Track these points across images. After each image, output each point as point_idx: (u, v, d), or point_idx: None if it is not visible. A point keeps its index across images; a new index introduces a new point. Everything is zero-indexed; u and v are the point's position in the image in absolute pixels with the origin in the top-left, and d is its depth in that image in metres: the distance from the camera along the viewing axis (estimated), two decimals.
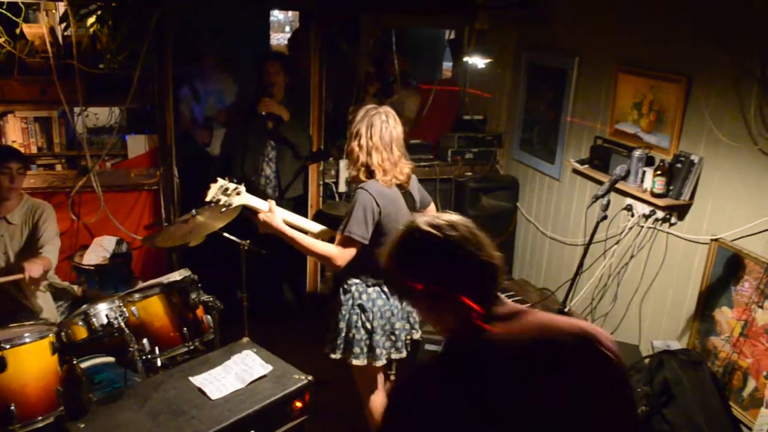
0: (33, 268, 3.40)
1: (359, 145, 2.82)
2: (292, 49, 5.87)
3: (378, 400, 3.13)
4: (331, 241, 2.90)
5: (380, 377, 3.12)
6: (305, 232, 2.97)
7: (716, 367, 3.17)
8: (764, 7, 2.77)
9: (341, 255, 2.78)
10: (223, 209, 2.89)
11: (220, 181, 2.89)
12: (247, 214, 2.96)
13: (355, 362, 2.95)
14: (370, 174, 2.82)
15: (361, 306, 2.92)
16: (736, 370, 3.07)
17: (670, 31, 3.38)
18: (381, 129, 2.81)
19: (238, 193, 2.87)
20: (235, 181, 2.92)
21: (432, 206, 3.31)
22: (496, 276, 1.55)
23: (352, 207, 2.78)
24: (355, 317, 2.92)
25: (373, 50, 4.90)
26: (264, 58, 4.60)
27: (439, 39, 5.90)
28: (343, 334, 2.95)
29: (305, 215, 4.50)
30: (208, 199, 2.90)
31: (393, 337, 3.00)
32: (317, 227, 3.09)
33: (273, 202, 2.88)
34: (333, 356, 2.98)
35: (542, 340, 1.47)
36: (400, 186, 2.93)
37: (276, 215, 2.84)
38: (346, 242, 2.77)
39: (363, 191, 2.79)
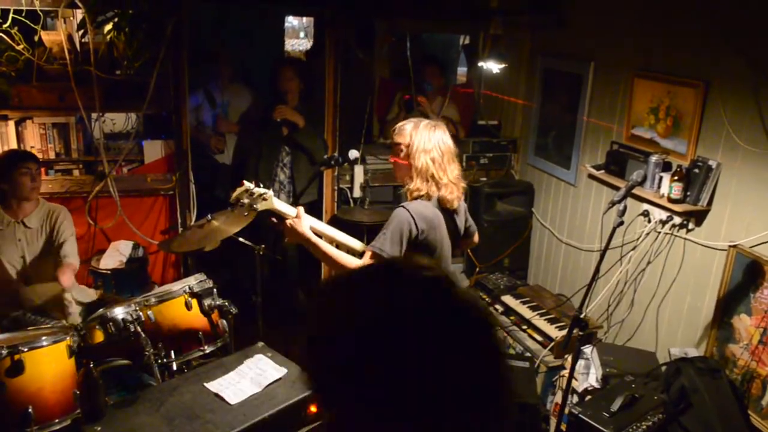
0: (66, 279, 3.48)
1: (431, 159, 2.67)
2: (309, 54, 5.92)
3: None
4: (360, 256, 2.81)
5: None
6: (338, 245, 2.86)
7: (734, 375, 3.13)
8: None
9: None
10: (246, 213, 2.80)
11: (246, 184, 2.80)
12: (271, 222, 2.85)
13: None
14: (438, 188, 2.69)
15: None
16: (755, 378, 3.03)
17: (686, 36, 3.35)
18: (447, 143, 2.71)
19: (264, 199, 2.75)
20: (262, 186, 2.81)
21: (476, 236, 3.20)
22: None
23: (389, 224, 2.65)
24: None
25: (389, 56, 4.92)
26: (278, 64, 4.63)
27: (454, 44, 5.91)
28: None
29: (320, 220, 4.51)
30: (232, 200, 2.81)
31: None
32: (357, 243, 2.99)
33: (301, 209, 2.77)
34: None
35: None
36: (446, 209, 2.77)
37: (303, 222, 2.72)
38: (375, 259, 2.60)
39: (404, 210, 2.64)
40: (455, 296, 0.93)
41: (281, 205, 2.81)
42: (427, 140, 2.69)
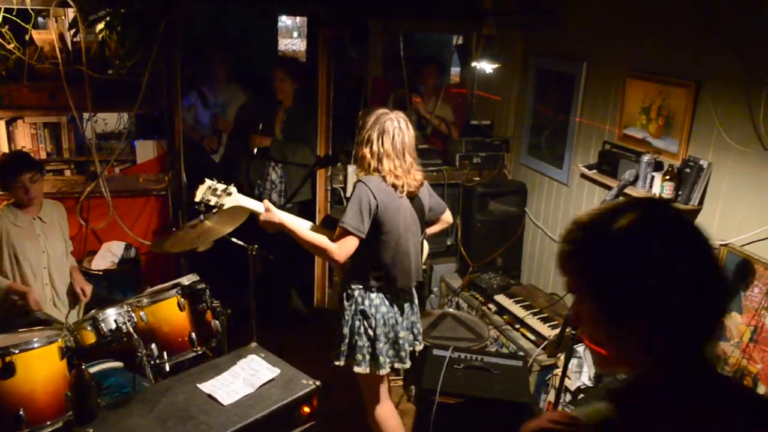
0: (86, 289, 3.73)
1: (371, 152, 2.77)
2: (308, 54, 5.93)
3: (382, 412, 3.10)
4: None
5: (384, 387, 3.10)
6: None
7: (726, 372, 3.14)
8: None
9: (339, 249, 2.74)
10: (215, 211, 2.88)
11: (208, 182, 2.86)
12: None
13: (357, 369, 2.93)
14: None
15: (363, 312, 2.89)
16: (746, 376, 3.05)
17: (678, 36, 3.37)
18: (393, 135, 2.75)
19: (228, 194, 2.84)
20: (224, 181, 2.88)
21: (447, 214, 3.25)
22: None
23: (350, 199, 2.77)
24: (357, 323, 2.90)
25: (383, 55, 4.92)
26: (272, 65, 4.64)
27: (447, 44, 5.91)
28: (347, 341, 2.92)
29: (313, 220, 4.51)
30: (196, 200, 2.88)
31: (397, 347, 2.97)
32: (308, 224, 3.09)
33: (267, 202, 2.87)
34: (337, 363, 2.96)
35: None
36: (409, 193, 2.88)
37: (274, 213, 2.84)
38: (342, 234, 2.75)
39: (361, 184, 2.75)
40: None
41: (247, 201, 2.89)
42: (379, 133, 2.76)
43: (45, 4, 3.72)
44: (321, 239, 2.81)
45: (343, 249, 2.75)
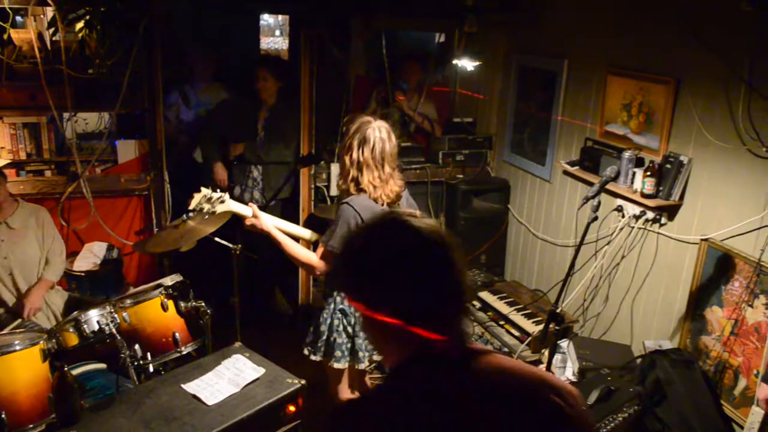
0: (34, 304, 3.51)
1: (350, 160, 2.75)
2: (291, 52, 5.91)
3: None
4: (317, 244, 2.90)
5: (346, 379, 3.11)
6: (295, 237, 2.97)
7: (707, 366, 3.18)
8: (750, 9, 2.79)
9: (322, 266, 2.80)
10: (206, 216, 2.94)
11: (204, 191, 2.93)
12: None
13: (336, 366, 2.95)
14: (359, 190, 2.77)
15: (342, 311, 2.93)
16: (727, 369, 3.09)
17: (657, 33, 3.40)
18: (373, 144, 2.73)
19: (221, 202, 2.90)
20: (219, 189, 2.94)
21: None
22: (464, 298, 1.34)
23: (336, 221, 2.75)
24: (336, 321, 2.93)
25: (365, 53, 4.92)
26: (254, 63, 4.63)
27: (429, 42, 5.91)
28: (324, 337, 2.95)
29: (296, 218, 4.51)
30: (191, 208, 2.94)
31: None
32: (307, 233, 3.11)
33: (255, 206, 2.88)
34: (313, 358, 3.00)
35: (503, 385, 1.29)
36: (388, 203, 2.85)
37: (262, 219, 2.86)
38: (328, 256, 2.77)
39: (347, 206, 2.73)
40: (420, 229, 1.32)
41: (237, 206, 2.93)
42: (360, 141, 2.74)
43: (23, 3, 3.67)
44: (306, 255, 2.85)
45: (325, 265, 2.80)
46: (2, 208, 3.55)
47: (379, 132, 2.76)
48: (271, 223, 2.90)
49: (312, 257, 2.82)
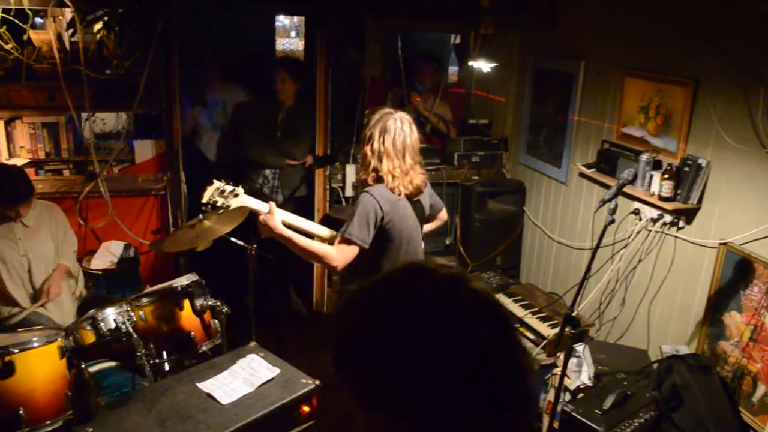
0: (53, 290, 3.51)
1: (371, 150, 2.74)
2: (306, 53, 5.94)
3: None
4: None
5: None
6: (310, 235, 2.91)
7: (726, 372, 3.15)
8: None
9: (339, 255, 2.67)
10: (221, 211, 2.84)
11: (216, 183, 2.83)
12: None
13: None
14: (379, 180, 2.76)
15: None
16: (745, 375, 3.05)
17: (676, 35, 3.37)
18: (394, 134, 2.72)
19: (236, 195, 2.81)
20: (232, 183, 2.86)
21: (443, 212, 3.26)
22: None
23: (354, 209, 2.71)
24: None
25: (380, 55, 4.93)
26: (272, 66, 4.66)
27: (445, 43, 5.91)
28: None
29: (311, 218, 4.52)
30: (204, 201, 2.84)
31: None
32: (325, 231, 3.06)
33: (273, 204, 2.79)
34: None
35: None
36: (408, 196, 2.83)
37: (275, 216, 2.74)
38: (345, 243, 2.69)
39: (367, 195, 2.72)
40: (473, 292, 0.93)
41: (253, 202, 2.84)
42: (381, 131, 2.73)
43: (42, 4, 3.72)
44: (320, 247, 2.74)
45: (343, 255, 2.69)
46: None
47: (400, 123, 2.75)
48: (281, 220, 2.78)
49: (327, 249, 2.71)
